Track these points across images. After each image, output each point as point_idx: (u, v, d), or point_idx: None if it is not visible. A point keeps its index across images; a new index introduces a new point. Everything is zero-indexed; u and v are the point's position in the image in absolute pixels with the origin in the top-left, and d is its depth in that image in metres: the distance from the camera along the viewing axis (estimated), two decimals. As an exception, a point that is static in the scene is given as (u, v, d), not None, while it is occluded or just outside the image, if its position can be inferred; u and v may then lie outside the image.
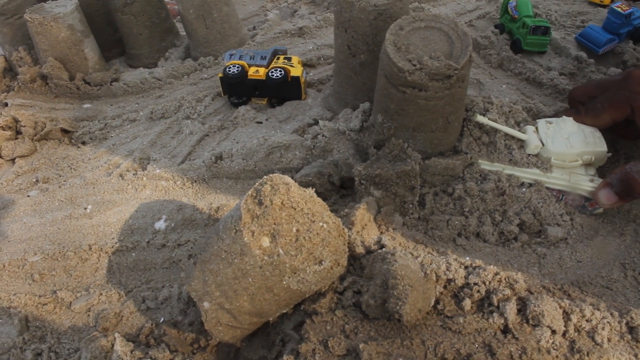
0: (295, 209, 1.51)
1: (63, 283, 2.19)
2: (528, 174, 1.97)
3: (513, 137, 2.01)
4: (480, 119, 2.00)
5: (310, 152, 2.33)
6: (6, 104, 3.19)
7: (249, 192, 1.56)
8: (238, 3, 4.32)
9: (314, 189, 1.61)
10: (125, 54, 3.79)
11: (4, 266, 2.24)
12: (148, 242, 2.26)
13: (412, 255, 1.64)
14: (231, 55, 2.96)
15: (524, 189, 1.96)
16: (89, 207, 2.49)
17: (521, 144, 2.01)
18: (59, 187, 2.60)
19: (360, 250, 1.72)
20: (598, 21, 3.20)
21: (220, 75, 2.85)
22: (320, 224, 1.54)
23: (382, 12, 2.16)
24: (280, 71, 2.77)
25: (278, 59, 2.92)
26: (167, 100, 3.16)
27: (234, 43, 3.43)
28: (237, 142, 2.64)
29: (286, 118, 2.79)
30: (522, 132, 2.01)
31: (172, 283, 2.12)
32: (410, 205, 2.00)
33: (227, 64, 2.88)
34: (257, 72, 2.79)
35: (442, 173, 2.00)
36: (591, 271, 1.80)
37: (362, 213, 1.86)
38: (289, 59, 2.90)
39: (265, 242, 1.47)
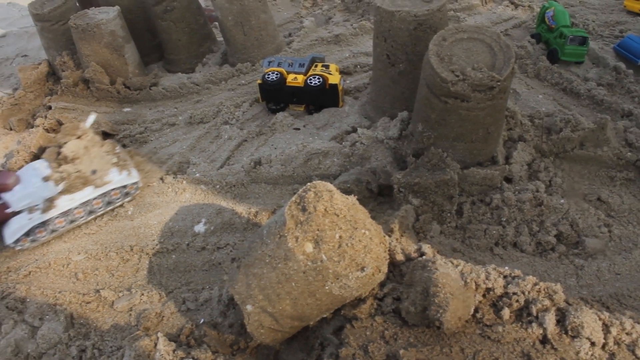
0: (338, 215, 1.55)
1: (106, 282, 2.26)
2: None
3: None
4: None
5: (348, 159, 2.37)
6: (50, 107, 3.29)
7: (293, 199, 1.60)
8: (273, 10, 4.39)
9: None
10: (164, 59, 3.88)
11: (49, 264, 2.32)
12: (188, 244, 2.33)
13: (452, 263, 1.66)
14: (270, 62, 3.02)
15: (562, 200, 1.97)
16: (131, 209, 2.57)
17: None
18: (102, 189, 2.68)
19: (400, 257, 1.74)
20: (637, 31, 3.19)
21: (259, 81, 2.92)
22: (363, 230, 1.57)
23: (422, 22, 2.19)
24: (318, 79, 2.81)
25: (316, 66, 2.97)
26: (205, 105, 3.24)
27: (271, 50, 3.49)
28: (276, 148, 2.70)
29: (324, 125, 2.84)
30: None
31: (212, 285, 2.18)
32: (448, 214, 2.02)
33: (265, 71, 2.94)
34: (295, 80, 2.85)
35: (481, 183, 2.02)
36: (630, 284, 1.80)
37: (400, 221, 1.89)
38: (327, 67, 2.95)
39: (309, 247, 1.50)
